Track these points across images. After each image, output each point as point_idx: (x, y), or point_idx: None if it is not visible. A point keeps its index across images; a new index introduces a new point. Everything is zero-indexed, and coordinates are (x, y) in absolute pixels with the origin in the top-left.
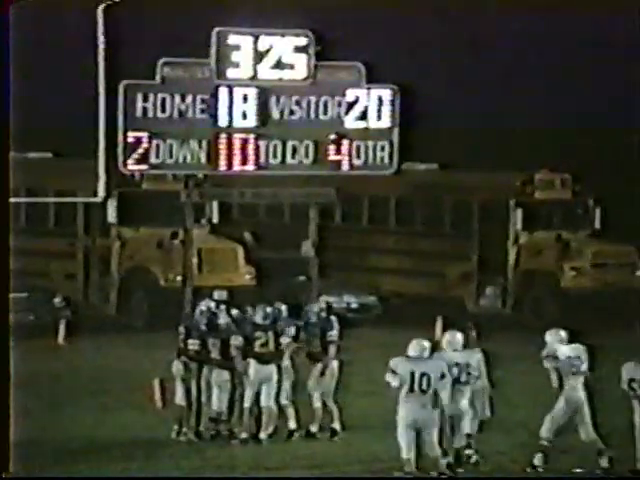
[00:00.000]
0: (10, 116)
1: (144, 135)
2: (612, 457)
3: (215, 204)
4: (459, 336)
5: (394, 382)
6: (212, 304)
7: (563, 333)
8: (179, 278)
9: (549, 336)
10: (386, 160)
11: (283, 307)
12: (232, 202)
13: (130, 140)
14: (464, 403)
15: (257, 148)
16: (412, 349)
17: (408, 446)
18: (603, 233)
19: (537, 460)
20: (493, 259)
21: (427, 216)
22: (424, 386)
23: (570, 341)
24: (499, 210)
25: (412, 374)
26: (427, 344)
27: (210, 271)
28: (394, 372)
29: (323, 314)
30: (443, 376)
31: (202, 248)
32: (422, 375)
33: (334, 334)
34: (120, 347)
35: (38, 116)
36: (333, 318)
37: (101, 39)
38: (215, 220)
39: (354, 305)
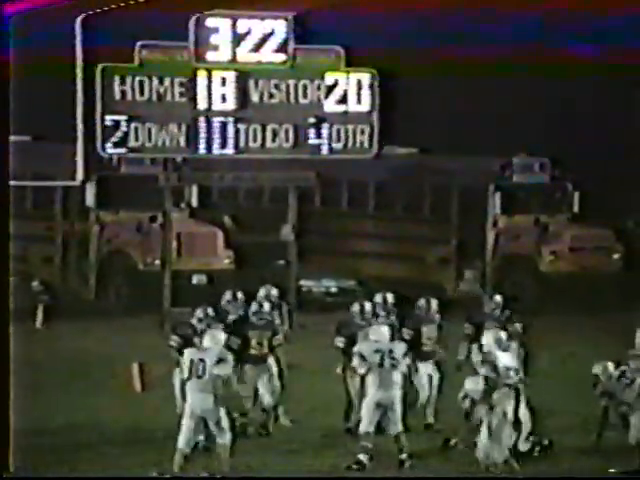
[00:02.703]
0: None
1: (122, 118)
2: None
3: (194, 188)
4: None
5: (361, 369)
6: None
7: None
8: (158, 262)
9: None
10: (366, 144)
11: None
12: (211, 186)
13: (108, 123)
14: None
15: (236, 132)
16: (373, 334)
17: (369, 421)
18: (581, 217)
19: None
20: (472, 243)
21: (406, 200)
22: (387, 366)
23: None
24: (478, 194)
25: (381, 357)
26: (386, 329)
27: (189, 255)
28: (362, 358)
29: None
30: (406, 354)
31: (181, 232)
32: (388, 354)
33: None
34: (99, 331)
35: (16, 100)
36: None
37: (79, 22)
38: (194, 204)
39: (333, 289)
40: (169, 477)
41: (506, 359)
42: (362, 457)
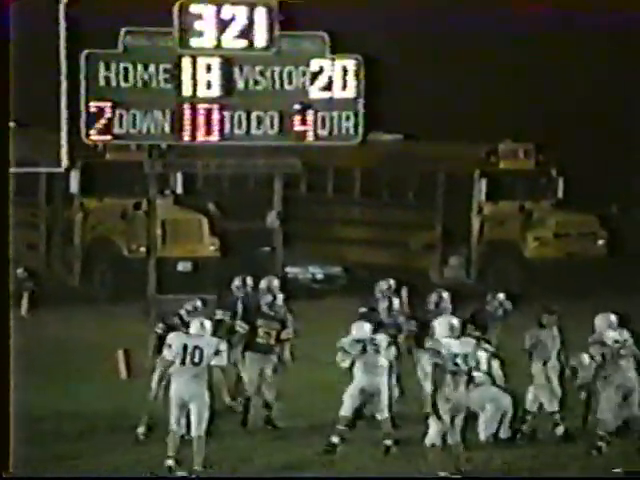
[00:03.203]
0: None
1: (107, 105)
2: (567, 428)
3: (179, 175)
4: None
5: (344, 362)
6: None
7: (613, 317)
8: (143, 249)
9: (598, 321)
10: (351, 131)
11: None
12: (196, 173)
13: (93, 110)
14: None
15: (221, 118)
16: (355, 330)
17: (349, 406)
18: (566, 203)
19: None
20: (457, 229)
21: (392, 187)
22: (370, 352)
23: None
24: (463, 180)
25: (363, 345)
26: (368, 325)
27: (174, 242)
28: (344, 351)
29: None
30: (390, 344)
31: (166, 219)
32: (370, 342)
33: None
34: (84, 318)
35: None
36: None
37: (62, 7)
38: (179, 191)
39: (319, 276)
40: (169, 477)
41: (456, 346)
42: (335, 439)
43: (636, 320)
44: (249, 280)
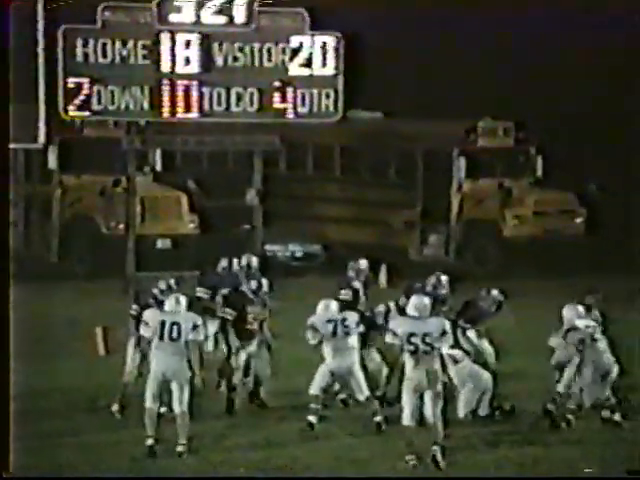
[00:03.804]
0: None
1: (85, 81)
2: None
3: (158, 152)
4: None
5: (314, 340)
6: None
7: (580, 307)
8: (121, 226)
9: (566, 312)
10: (331, 108)
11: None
12: (175, 150)
13: (71, 86)
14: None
15: (200, 95)
16: (322, 309)
17: (318, 385)
18: (545, 181)
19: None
20: (437, 207)
21: (371, 164)
22: (341, 334)
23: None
24: (443, 158)
25: (334, 326)
26: (335, 303)
27: (153, 219)
28: (314, 329)
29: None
30: (359, 322)
31: (145, 196)
32: (340, 323)
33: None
34: (62, 295)
35: None
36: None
37: None
38: (158, 168)
39: (298, 254)
40: (169, 477)
41: (421, 326)
42: (312, 419)
43: (612, 297)
44: (244, 262)
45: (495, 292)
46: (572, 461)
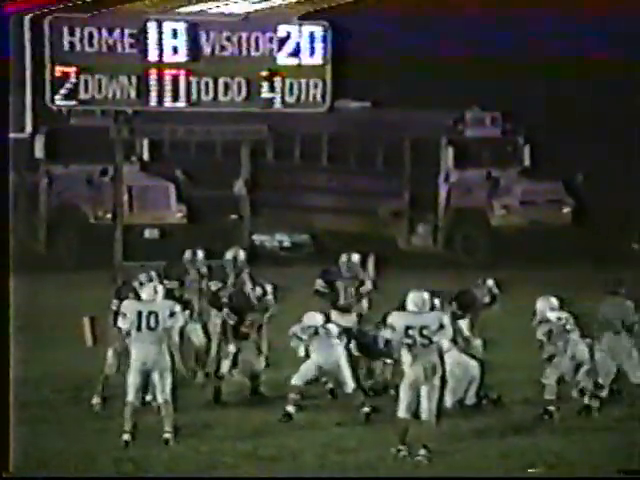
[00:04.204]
0: None
1: (72, 70)
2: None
3: (145, 141)
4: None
5: (300, 352)
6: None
7: (553, 300)
8: (109, 216)
9: (539, 304)
10: (319, 97)
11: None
12: (163, 139)
13: (57, 75)
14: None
15: (188, 84)
16: (307, 319)
17: (302, 377)
18: (532, 171)
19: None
20: (424, 197)
21: (359, 154)
22: (322, 334)
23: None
24: (431, 148)
25: (315, 330)
26: (320, 315)
27: (141, 209)
28: (297, 337)
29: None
30: (341, 334)
31: (133, 186)
32: (322, 328)
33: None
34: (50, 285)
35: None
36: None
37: None
38: (146, 157)
39: (286, 243)
40: (169, 477)
41: (419, 319)
42: (290, 409)
43: (598, 287)
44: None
45: (490, 282)
46: (559, 451)
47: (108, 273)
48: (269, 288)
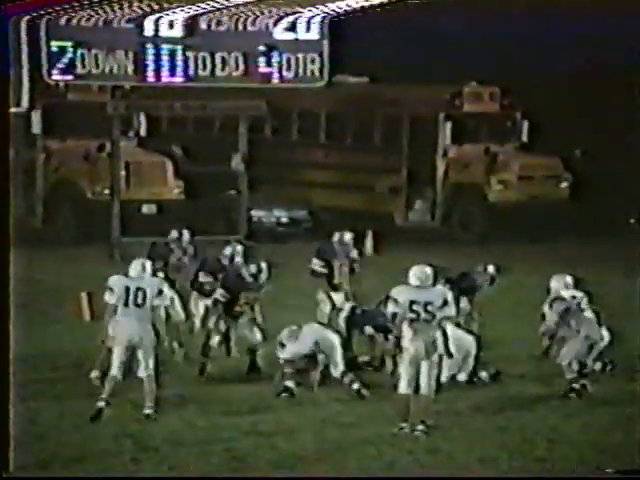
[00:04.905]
0: None
1: (68, 44)
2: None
3: (143, 116)
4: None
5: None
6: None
7: (568, 278)
8: (107, 191)
9: (554, 283)
10: (316, 73)
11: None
12: (160, 114)
13: (54, 50)
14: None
15: (185, 59)
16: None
17: (293, 351)
18: (530, 146)
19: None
20: (422, 172)
21: (357, 130)
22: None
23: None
24: (428, 123)
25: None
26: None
27: (138, 185)
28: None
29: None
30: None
31: (130, 161)
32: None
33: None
34: (47, 261)
35: None
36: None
37: None
38: (143, 133)
39: (284, 219)
40: (170, 477)
41: (422, 294)
42: (289, 384)
43: (597, 262)
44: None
45: (491, 268)
46: (556, 426)
47: (105, 248)
48: (264, 266)
